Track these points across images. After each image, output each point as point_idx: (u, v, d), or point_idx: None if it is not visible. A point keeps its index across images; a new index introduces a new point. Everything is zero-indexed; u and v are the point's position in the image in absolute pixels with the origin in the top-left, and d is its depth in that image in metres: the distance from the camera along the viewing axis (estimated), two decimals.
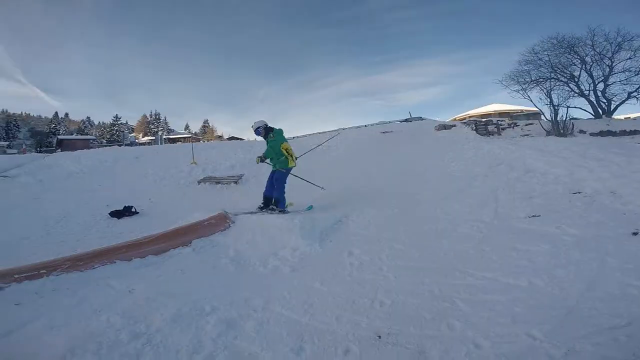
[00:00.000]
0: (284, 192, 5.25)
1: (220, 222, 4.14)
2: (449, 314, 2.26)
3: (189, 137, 39.93)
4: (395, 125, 16.56)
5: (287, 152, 5.29)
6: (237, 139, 39.79)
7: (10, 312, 2.32)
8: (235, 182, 8.03)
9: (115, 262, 3.04)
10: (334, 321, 2.30)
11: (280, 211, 5.02)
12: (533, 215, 4.11)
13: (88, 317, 2.33)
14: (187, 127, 66.62)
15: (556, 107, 13.19)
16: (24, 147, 33.42)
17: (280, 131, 5.42)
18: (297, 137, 16.74)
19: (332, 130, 16.70)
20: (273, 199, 5.18)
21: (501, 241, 3.42)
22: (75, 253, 3.19)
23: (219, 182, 8.02)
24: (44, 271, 2.69)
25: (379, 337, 2.09)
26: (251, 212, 4.98)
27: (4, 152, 25.05)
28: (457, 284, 2.67)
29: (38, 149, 35.72)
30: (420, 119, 20.76)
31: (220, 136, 58.15)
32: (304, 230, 3.93)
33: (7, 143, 36.87)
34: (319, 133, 18.38)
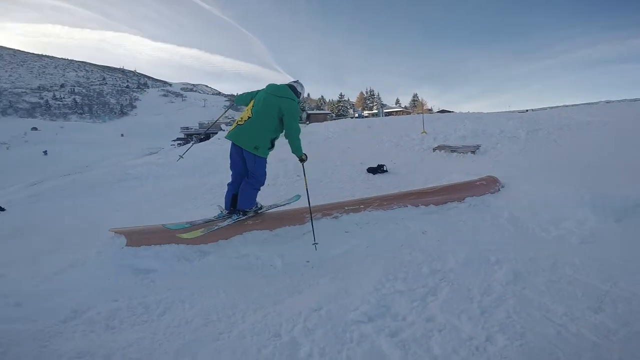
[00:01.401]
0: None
1: (491, 184, 4.17)
2: None
3: (400, 110, 41.38)
4: None
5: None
6: (447, 111, 37.87)
7: (342, 237, 3.11)
8: (473, 152, 7.65)
9: (407, 206, 3.59)
10: None
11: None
12: None
13: (396, 249, 2.81)
14: (397, 102, 69.25)
15: None
16: None
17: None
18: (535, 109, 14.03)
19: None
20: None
21: None
22: (382, 194, 3.95)
23: (454, 151, 7.88)
24: (362, 206, 3.48)
25: None
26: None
27: None
28: None
29: None
30: None
31: (430, 109, 57.13)
32: (595, 206, 3.38)
33: None
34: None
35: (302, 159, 3.32)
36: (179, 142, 33.49)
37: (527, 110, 17.18)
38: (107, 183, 9.16)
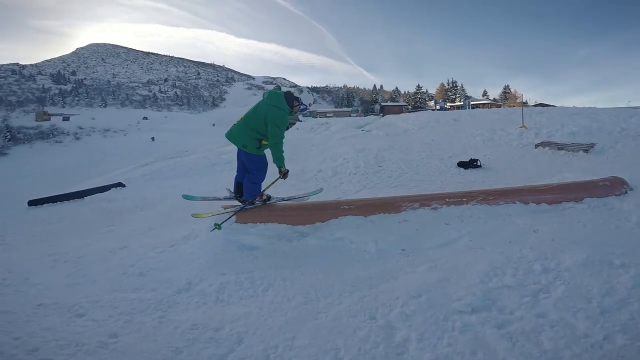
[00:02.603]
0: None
1: (617, 185, 3.62)
2: None
3: (489, 103, 37.82)
4: None
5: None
6: (546, 105, 33.50)
7: (442, 229, 3.04)
8: (585, 151, 6.61)
9: (515, 203, 3.34)
10: None
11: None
12: None
13: (504, 245, 2.67)
14: (484, 94, 63.34)
15: None
16: (359, 112, 45.55)
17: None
18: None
19: None
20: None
21: None
22: (487, 188, 3.75)
23: (561, 148, 6.92)
24: (465, 199, 3.33)
25: None
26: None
27: (349, 116, 34.59)
28: None
29: (365, 114, 46.92)
30: None
31: (524, 102, 51.17)
32: None
33: (350, 109, 50.95)
34: None
35: (282, 172, 3.39)
36: None
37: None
38: (204, 166, 10.26)
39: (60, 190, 8.49)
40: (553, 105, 33.55)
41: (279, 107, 3.30)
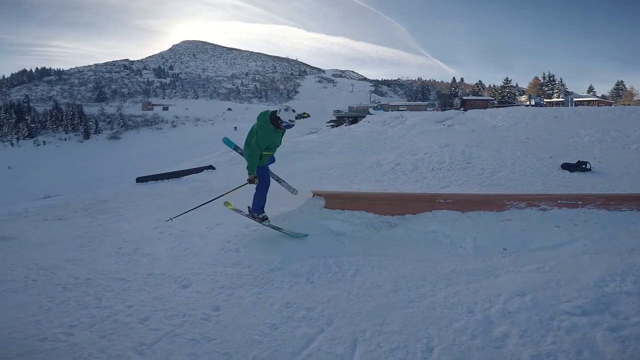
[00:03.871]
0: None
1: None
2: None
3: (597, 100, 32.65)
4: None
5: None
6: None
7: (551, 231, 2.85)
8: None
9: None
10: None
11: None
12: None
13: (625, 252, 2.42)
14: (590, 90, 54.74)
15: None
16: (436, 105, 43.24)
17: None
18: None
19: None
20: None
21: None
22: (608, 193, 3.42)
23: None
24: (580, 202, 3.07)
25: None
26: None
27: (425, 110, 33.02)
28: None
29: (443, 108, 44.14)
30: None
31: None
32: None
33: (425, 103, 48.77)
34: None
35: (249, 178, 3.64)
36: (331, 123, 36.21)
37: None
38: (282, 155, 10.75)
39: (161, 170, 9.71)
40: None
41: (263, 126, 3.67)
